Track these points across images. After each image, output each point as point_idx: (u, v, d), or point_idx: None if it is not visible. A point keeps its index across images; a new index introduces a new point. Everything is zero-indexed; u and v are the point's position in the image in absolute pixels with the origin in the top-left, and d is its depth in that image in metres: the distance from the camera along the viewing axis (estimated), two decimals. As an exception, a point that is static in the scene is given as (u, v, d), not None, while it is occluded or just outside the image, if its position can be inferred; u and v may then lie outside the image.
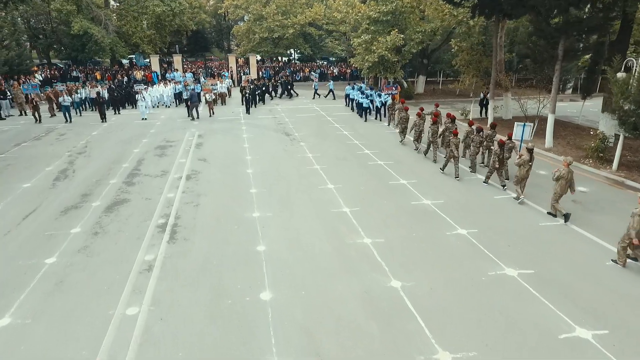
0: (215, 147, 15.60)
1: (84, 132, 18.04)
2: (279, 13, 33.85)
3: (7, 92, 21.60)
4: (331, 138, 17.15)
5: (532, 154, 10.44)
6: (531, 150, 10.40)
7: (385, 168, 13.27)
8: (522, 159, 10.21)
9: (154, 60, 31.76)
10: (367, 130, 18.55)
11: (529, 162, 10.28)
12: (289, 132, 18.05)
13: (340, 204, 10.40)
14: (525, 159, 10.20)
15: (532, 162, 10.52)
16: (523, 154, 10.34)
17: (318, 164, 13.62)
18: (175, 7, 33.02)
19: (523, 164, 10.24)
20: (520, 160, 10.23)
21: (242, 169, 13.08)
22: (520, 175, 10.39)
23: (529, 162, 10.32)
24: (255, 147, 15.66)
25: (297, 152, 15.06)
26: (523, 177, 10.42)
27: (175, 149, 15.45)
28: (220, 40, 63.38)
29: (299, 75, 35.41)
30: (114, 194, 10.95)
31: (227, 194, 11.00)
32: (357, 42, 23.61)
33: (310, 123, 20.09)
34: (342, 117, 21.61)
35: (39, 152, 14.94)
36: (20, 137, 17.05)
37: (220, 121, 20.47)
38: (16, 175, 12.43)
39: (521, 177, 10.40)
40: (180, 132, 17.99)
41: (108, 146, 15.65)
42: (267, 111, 23.24)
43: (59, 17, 33.28)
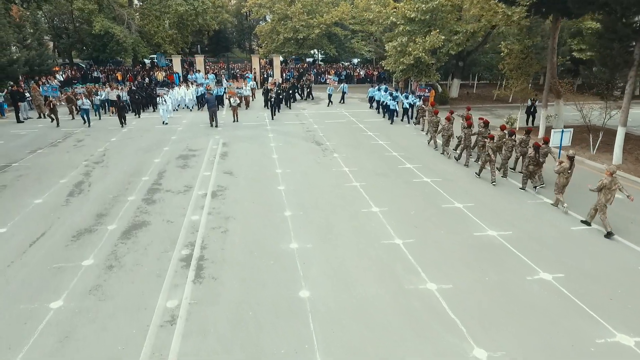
0: (242, 158, 14.30)
1: (103, 137, 17.01)
2: (304, 12, 32.49)
3: (25, 93, 20.83)
4: (366, 149, 15.67)
5: (573, 162, 10.04)
6: (572, 158, 10.00)
7: (433, 187, 11.72)
8: (562, 167, 9.88)
9: (176, 60, 30.82)
10: (405, 140, 16.99)
11: (568, 169, 9.92)
12: (320, 141, 16.64)
13: (390, 233, 8.93)
14: (565, 166, 9.87)
15: (572, 170, 10.08)
16: (563, 161, 10.02)
17: (357, 180, 12.16)
18: (198, 6, 32.04)
19: (562, 172, 9.90)
20: (560, 168, 9.90)
21: (273, 185, 11.72)
22: (560, 183, 10.04)
23: (569, 170, 9.94)
24: (284, 158, 14.30)
25: (331, 165, 13.63)
26: (563, 184, 10.05)
27: (199, 159, 14.22)
28: (242, 41, 62.53)
29: (323, 77, 33.99)
30: (132, 215, 9.72)
31: (258, 217, 9.65)
32: (392, 46, 21.98)
33: (341, 131, 18.64)
34: (374, 124, 20.09)
35: (54, 160, 13.91)
36: (36, 143, 16.12)
37: (245, 127, 19.21)
38: (28, 188, 11.36)
39: (561, 185, 10.04)
40: (203, 139, 16.78)
41: (127, 155, 14.53)
42: (294, 116, 21.89)
43: (81, 17, 32.73)
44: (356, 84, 34.22)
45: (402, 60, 21.52)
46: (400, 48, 21.86)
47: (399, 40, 21.64)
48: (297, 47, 35.37)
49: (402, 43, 21.58)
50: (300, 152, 15.20)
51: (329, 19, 32.97)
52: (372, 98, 24.95)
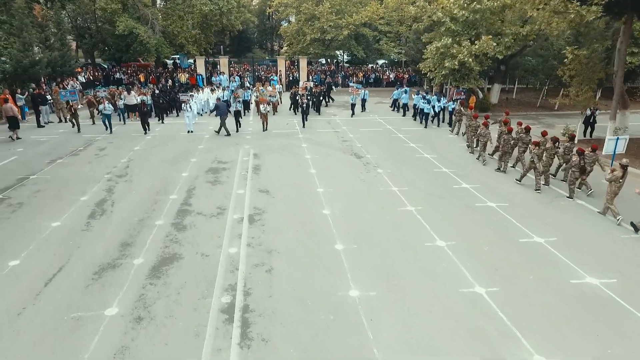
0: (276, 172, 12.96)
1: (126, 146, 15.91)
2: (332, 12, 31.04)
3: (47, 96, 19.98)
4: (412, 163, 14.15)
5: (626, 171, 9.66)
6: (625, 167, 9.66)
7: (501, 213, 10.14)
8: (614, 175, 9.58)
9: (200, 62, 29.78)
10: (452, 153, 15.40)
11: (620, 178, 9.58)
12: (359, 153, 15.19)
13: (467, 278, 7.42)
14: (617, 175, 9.56)
15: (624, 179, 9.67)
16: (616, 169, 9.74)
17: (410, 203, 10.66)
18: (223, 5, 30.95)
19: (614, 180, 9.58)
20: (612, 176, 9.59)
21: (316, 208, 10.32)
22: (611, 192, 9.69)
23: (621, 179, 9.59)
24: (324, 173, 12.89)
25: (377, 183, 12.17)
26: (615, 193, 9.70)
27: (230, 172, 12.93)
28: (263, 41, 61.50)
29: (351, 80, 32.49)
30: (161, 245, 8.45)
31: (305, 252, 8.26)
32: (434, 47, 20.36)
33: (379, 141, 17.14)
34: (414, 133, 18.52)
35: (75, 172, 12.81)
36: (56, 151, 15.10)
37: (275, 136, 17.88)
38: (46, 207, 10.23)
39: (612, 193, 9.69)
40: (232, 150, 15.52)
41: (152, 167, 13.35)
42: (325, 123, 20.48)
43: (103, 16, 31.99)
44: (384, 88, 32.69)
45: (446, 64, 19.88)
46: (443, 50, 20.20)
47: (442, 41, 19.98)
48: (324, 49, 33.96)
49: (446, 45, 19.91)
50: (340, 166, 13.77)
51: (359, 20, 31.45)
52: (396, 100, 23.97)
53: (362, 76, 32.67)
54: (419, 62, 28.33)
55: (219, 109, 17.47)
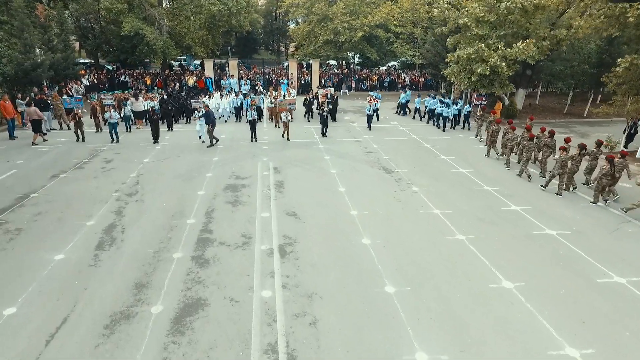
0: (302, 190, 11.73)
1: (134, 157, 14.70)
2: (346, 13, 29.80)
3: (49, 102, 18.78)
4: (448, 179, 12.90)
5: None
6: None
7: (567, 245, 8.89)
8: None
9: (208, 64, 28.56)
10: (489, 167, 14.15)
11: None
12: (388, 167, 13.96)
13: (553, 336, 6.17)
14: None
15: None
16: None
17: (459, 230, 9.43)
18: (233, 6, 29.75)
19: None
20: None
21: (354, 237, 9.09)
22: None
23: None
24: (354, 192, 11.66)
25: (415, 204, 10.93)
26: None
27: (250, 190, 11.71)
28: (270, 42, 60.32)
29: (365, 84, 31.27)
30: (182, 286, 7.23)
31: (351, 297, 7.02)
32: (466, 54, 19.07)
33: (406, 152, 15.91)
34: (441, 143, 17.27)
35: (80, 190, 11.60)
36: (59, 164, 13.90)
37: (294, 146, 16.64)
38: (47, 234, 9.02)
39: None
40: (249, 162, 14.29)
41: (164, 183, 12.13)
42: (345, 132, 19.25)
43: (108, 16, 30.81)
44: (399, 92, 31.39)
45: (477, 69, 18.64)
46: (474, 55, 18.94)
47: (474, 46, 18.70)
48: (336, 51, 32.74)
49: (478, 50, 18.64)
50: (370, 182, 12.54)
51: (373, 21, 30.21)
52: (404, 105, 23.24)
53: (376, 79, 31.41)
54: (437, 65, 27.21)
55: (208, 116, 15.88)
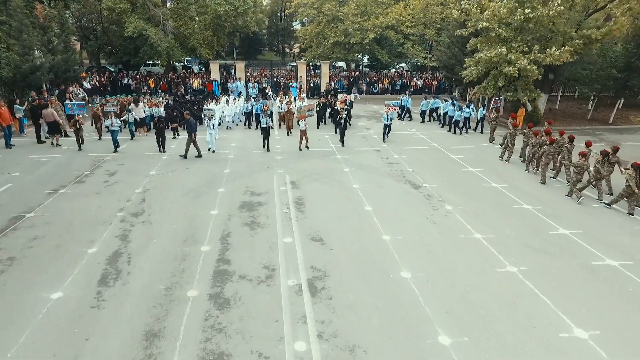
0: (325, 210, 10.64)
1: (139, 169, 13.63)
2: (357, 14, 28.71)
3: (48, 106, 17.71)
4: (483, 197, 11.82)
5: None
6: None
7: (634, 279, 7.81)
8: None
9: (214, 66, 27.46)
10: (523, 181, 13.07)
11: None
12: (415, 181, 12.88)
13: (654, 407, 5.11)
14: None
15: None
16: None
17: (509, 260, 8.34)
18: (240, 6, 28.69)
19: None
20: None
21: (392, 269, 8.00)
22: None
23: None
24: (383, 212, 10.57)
25: (453, 226, 9.85)
26: None
27: (268, 209, 10.63)
28: (275, 43, 59.23)
29: (376, 87, 30.18)
30: (200, 336, 6.15)
31: (400, 350, 5.94)
32: (487, 56, 18.00)
33: (431, 163, 14.82)
34: (466, 153, 16.18)
35: (81, 209, 10.52)
36: (58, 177, 12.83)
37: (309, 156, 15.56)
38: (43, 266, 7.93)
39: None
40: (264, 175, 13.22)
41: (173, 201, 11.04)
42: (361, 140, 18.17)
43: (110, 16, 29.74)
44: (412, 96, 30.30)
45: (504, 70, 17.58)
46: (496, 59, 17.88)
47: (496, 49, 17.64)
48: (346, 52, 31.66)
49: (500, 54, 17.58)
50: (398, 199, 11.45)
51: (385, 22, 29.12)
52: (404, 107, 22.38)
53: (387, 82, 30.33)
54: (452, 68, 26.13)
55: (189, 125, 14.58)
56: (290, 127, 18.61)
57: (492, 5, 18.52)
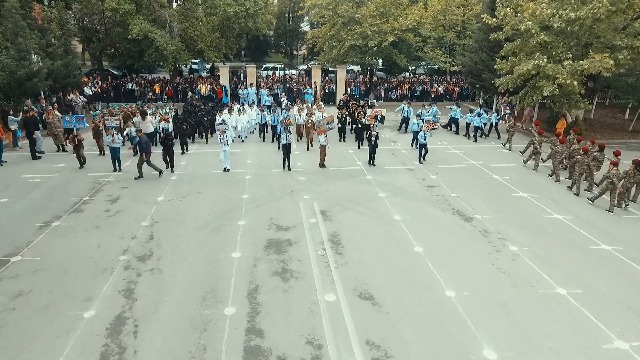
0: (368, 252, 8.91)
1: (145, 194, 11.94)
2: (376, 16, 26.97)
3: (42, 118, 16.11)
4: (548, 232, 10.06)
5: None
6: None
7: None
8: None
9: (224, 71, 25.76)
10: (585, 210, 11.29)
11: None
12: (463, 211, 11.13)
13: None
14: None
15: None
16: None
17: (614, 333, 6.58)
18: (250, 6, 27.02)
19: None
20: None
21: (470, 344, 6.26)
22: None
23: None
24: (437, 254, 8.83)
25: (527, 276, 8.10)
26: None
27: (300, 251, 8.91)
28: (283, 45, 57.50)
29: (394, 93, 28.44)
30: None
31: None
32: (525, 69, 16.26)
33: (474, 186, 13.08)
34: (509, 172, 14.42)
35: (77, 250, 8.82)
36: (53, 204, 11.14)
37: (335, 176, 13.83)
38: (27, 339, 6.21)
39: None
40: (289, 202, 11.49)
41: (186, 239, 9.33)
42: (390, 156, 16.43)
43: (113, 18, 28.10)
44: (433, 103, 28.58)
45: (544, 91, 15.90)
46: (535, 72, 16.16)
47: (536, 60, 15.88)
48: (362, 56, 29.94)
49: (538, 66, 15.84)
50: (450, 236, 9.72)
51: (405, 24, 27.36)
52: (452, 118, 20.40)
53: (407, 88, 28.59)
54: (479, 74, 24.41)
55: (141, 144, 12.83)
56: (311, 141, 16.88)
57: (532, 7, 16.77)
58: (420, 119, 17.84)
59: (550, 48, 16.42)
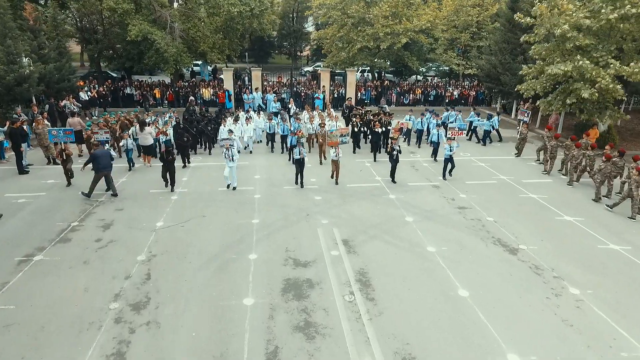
0: (404, 298, 7.50)
1: (142, 218, 10.54)
2: (389, 16, 25.54)
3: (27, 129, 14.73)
4: (608, 266, 8.64)
5: None
6: None
7: None
8: None
9: (227, 74, 24.36)
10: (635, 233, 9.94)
11: None
12: (506, 240, 9.72)
13: None
14: None
15: None
16: None
17: None
18: (256, 6, 25.63)
19: None
20: None
21: None
22: None
23: None
24: (487, 300, 7.43)
25: (601, 332, 6.69)
26: None
27: (323, 296, 7.51)
28: (287, 46, 56.08)
29: (407, 98, 27.01)
30: None
31: None
32: (562, 69, 14.88)
33: (511, 207, 11.66)
34: (544, 188, 13.01)
35: (59, 296, 7.42)
36: (37, 231, 9.77)
37: (354, 194, 12.42)
38: None
39: None
40: (305, 229, 10.09)
41: (190, 280, 7.93)
42: (411, 170, 15.00)
43: (111, 18, 26.71)
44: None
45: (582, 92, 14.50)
46: (574, 73, 14.78)
47: (575, 61, 14.52)
48: (372, 58, 28.53)
49: (580, 67, 14.47)
50: (496, 274, 8.30)
51: (419, 25, 25.94)
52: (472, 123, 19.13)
53: (420, 93, 27.16)
54: (498, 78, 23.02)
55: (97, 160, 11.48)
56: (323, 153, 15.47)
57: (569, 7, 15.35)
58: (442, 128, 16.40)
59: (590, 51, 15.01)
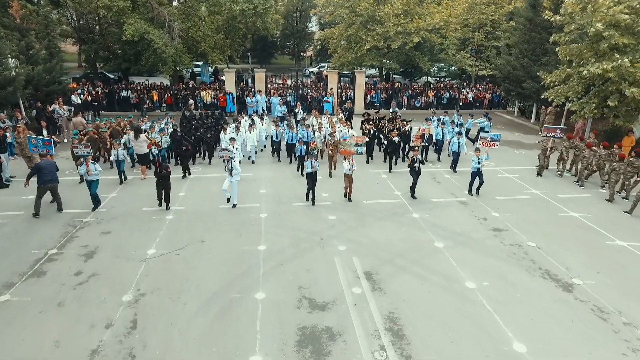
0: (448, 354, 6.11)
1: (131, 244, 9.13)
2: (400, 14, 24.11)
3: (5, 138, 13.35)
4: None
5: None
6: None
7: None
8: None
9: (229, 76, 22.98)
10: None
11: None
12: (555, 273, 8.29)
13: None
14: None
15: None
16: None
17: None
18: (259, 4, 24.25)
19: None
20: None
21: None
22: None
23: None
24: (549, 357, 6.04)
25: None
26: None
27: (348, 352, 6.09)
28: (290, 45, 54.72)
29: (419, 100, 25.56)
30: None
31: None
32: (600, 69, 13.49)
33: (553, 229, 10.20)
34: (584, 205, 11.57)
35: (19, 353, 6.05)
36: (7, 261, 8.34)
37: (373, 213, 10.96)
38: None
39: None
40: (320, 258, 8.67)
41: (184, 331, 6.50)
42: (433, 182, 13.55)
43: (107, 16, 25.33)
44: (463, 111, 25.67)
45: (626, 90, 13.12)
46: (613, 74, 13.38)
47: (617, 62, 13.12)
48: (381, 58, 27.10)
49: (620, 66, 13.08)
50: (554, 319, 6.87)
51: (432, 24, 24.51)
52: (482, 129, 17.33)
53: (432, 95, 25.72)
54: (519, 80, 21.59)
55: (41, 172, 10.24)
56: (334, 163, 14.04)
57: (604, 2, 13.91)
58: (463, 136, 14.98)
59: (628, 52, 13.59)
